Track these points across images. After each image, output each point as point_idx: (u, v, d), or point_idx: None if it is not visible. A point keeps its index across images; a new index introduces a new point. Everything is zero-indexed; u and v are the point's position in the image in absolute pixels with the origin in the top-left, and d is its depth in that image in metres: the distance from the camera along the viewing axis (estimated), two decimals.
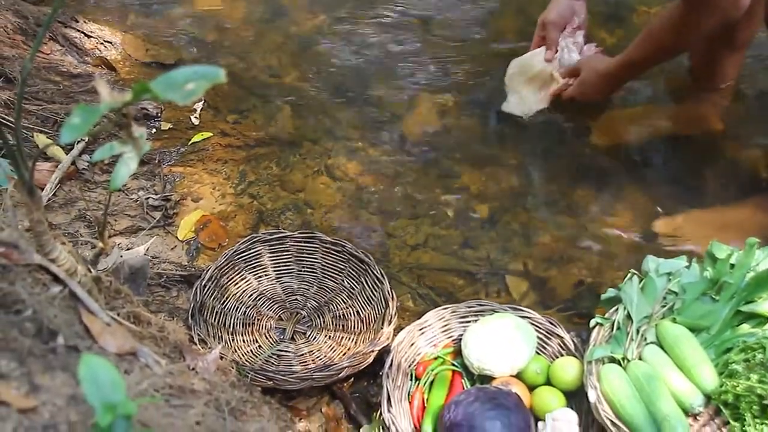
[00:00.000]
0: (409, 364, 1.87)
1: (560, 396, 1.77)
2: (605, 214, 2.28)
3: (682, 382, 1.69)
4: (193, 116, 2.66)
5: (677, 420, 1.62)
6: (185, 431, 1.05)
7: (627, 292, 1.84)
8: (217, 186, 2.44)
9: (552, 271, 2.16)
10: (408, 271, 2.17)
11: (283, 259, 2.15)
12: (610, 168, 2.42)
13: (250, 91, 2.78)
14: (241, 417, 1.27)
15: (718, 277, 1.81)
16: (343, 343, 2.01)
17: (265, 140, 2.60)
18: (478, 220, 2.30)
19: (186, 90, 0.89)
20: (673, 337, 1.76)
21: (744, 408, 1.59)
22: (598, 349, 1.75)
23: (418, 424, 1.77)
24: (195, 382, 1.23)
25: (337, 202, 2.38)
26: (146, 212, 2.31)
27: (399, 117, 2.65)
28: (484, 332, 1.82)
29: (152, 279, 2.06)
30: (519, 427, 1.62)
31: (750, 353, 1.69)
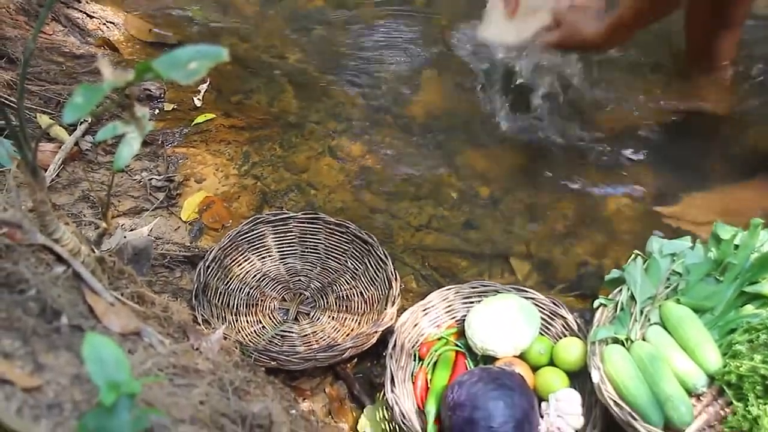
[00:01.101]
0: (413, 345, 1.87)
1: (563, 376, 1.77)
2: (609, 196, 2.27)
3: (686, 363, 1.69)
4: (196, 97, 2.66)
5: (680, 400, 1.62)
6: (189, 410, 1.05)
7: (631, 273, 1.83)
8: (220, 167, 2.44)
9: (556, 252, 2.15)
10: (411, 251, 2.17)
11: (286, 240, 2.15)
12: (614, 149, 2.41)
13: (254, 72, 2.78)
14: (244, 397, 1.28)
15: (723, 258, 1.81)
16: (347, 323, 2.01)
17: (269, 121, 2.60)
18: (482, 201, 2.30)
19: (189, 69, 0.89)
20: (676, 317, 1.76)
21: (747, 388, 1.59)
22: (602, 329, 1.75)
23: (421, 404, 1.77)
24: (199, 362, 1.23)
25: (341, 183, 2.38)
26: (149, 193, 2.31)
27: (403, 98, 2.64)
28: (487, 313, 1.82)
29: (156, 260, 2.06)
30: (522, 408, 1.62)
31: (754, 334, 1.68)
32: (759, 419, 1.55)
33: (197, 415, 1.06)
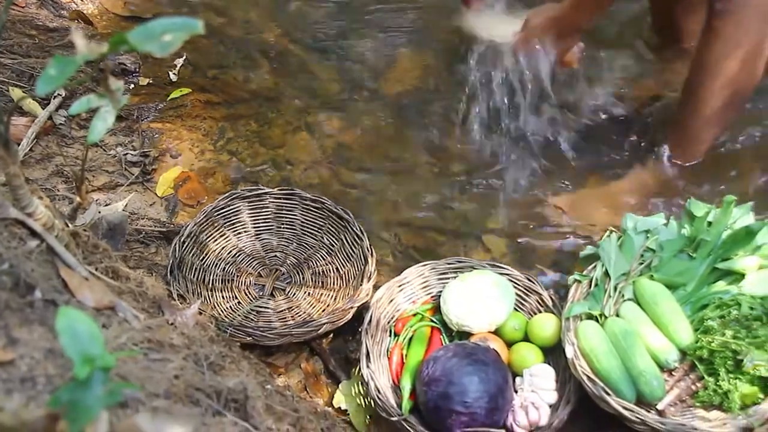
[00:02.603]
0: (388, 321, 1.88)
1: (538, 352, 1.79)
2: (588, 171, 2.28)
3: (658, 338, 1.71)
4: (172, 72, 2.64)
5: (653, 375, 1.64)
6: (164, 385, 1.05)
7: (605, 250, 1.85)
8: (196, 142, 2.42)
9: (531, 229, 2.16)
10: (388, 228, 2.17)
11: (262, 216, 2.14)
12: (585, 127, 2.41)
13: (230, 47, 2.76)
14: (219, 371, 1.28)
15: (696, 235, 1.82)
16: (323, 299, 2.01)
17: (245, 97, 2.58)
18: (459, 178, 2.30)
19: (163, 41, 0.88)
20: (650, 294, 1.77)
21: (718, 363, 1.61)
22: (576, 305, 1.77)
23: (396, 379, 1.78)
24: (173, 337, 1.23)
25: (317, 158, 2.37)
26: (125, 168, 2.30)
27: (380, 74, 2.64)
28: (463, 289, 1.83)
29: (131, 235, 2.05)
30: (497, 383, 1.63)
31: (725, 310, 1.70)
32: (729, 393, 1.58)
33: (172, 390, 1.06)
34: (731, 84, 1.95)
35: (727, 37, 1.88)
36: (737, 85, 1.96)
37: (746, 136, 2.30)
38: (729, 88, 1.96)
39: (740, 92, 1.99)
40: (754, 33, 1.87)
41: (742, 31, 1.87)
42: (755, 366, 1.57)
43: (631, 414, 1.58)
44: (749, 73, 1.93)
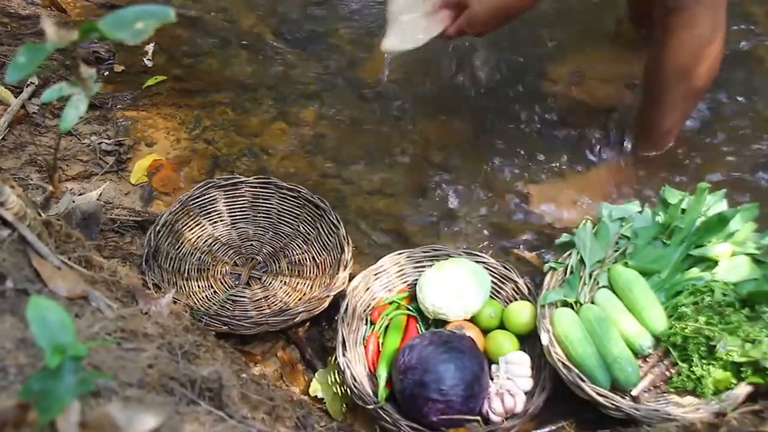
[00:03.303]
0: (365, 309, 1.88)
1: (514, 339, 1.79)
2: (562, 161, 2.29)
3: (633, 325, 1.72)
4: (146, 58, 2.62)
5: (627, 362, 1.65)
6: (137, 374, 1.04)
7: (581, 237, 1.86)
8: (171, 131, 2.41)
9: (508, 217, 2.17)
10: (364, 217, 2.17)
11: (238, 205, 2.13)
12: (566, 115, 2.42)
13: (206, 35, 2.74)
14: (194, 360, 1.27)
15: (670, 222, 1.83)
16: (299, 288, 2.01)
17: (221, 85, 2.57)
18: (435, 167, 2.30)
19: (135, 29, 0.88)
20: (624, 280, 1.79)
21: (692, 349, 1.63)
22: (552, 293, 1.78)
23: (372, 368, 1.78)
24: (148, 326, 1.22)
25: (294, 147, 2.36)
26: (99, 157, 2.28)
27: (357, 63, 2.63)
28: (438, 277, 1.83)
29: (105, 224, 2.03)
30: (472, 370, 1.64)
31: (699, 296, 1.72)
32: (702, 379, 1.59)
33: (145, 379, 1.05)
34: (687, 79, 1.99)
35: (681, 33, 1.91)
36: (694, 79, 1.99)
37: (717, 125, 2.32)
38: (685, 82, 2.00)
39: (698, 85, 2.03)
40: (707, 28, 1.90)
41: (694, 27, 1.89)
42: (728, 351, 1.58)
43: (605, 400, 1.60)
44: (705, 67, 1.97)
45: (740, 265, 1.76)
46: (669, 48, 1.94)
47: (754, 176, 2.19)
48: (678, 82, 2.00)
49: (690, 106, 2.16)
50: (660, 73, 2.02)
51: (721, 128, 2.31)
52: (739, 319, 1.64)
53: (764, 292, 1.69)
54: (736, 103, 2.38)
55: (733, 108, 2.37)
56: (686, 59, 1.95)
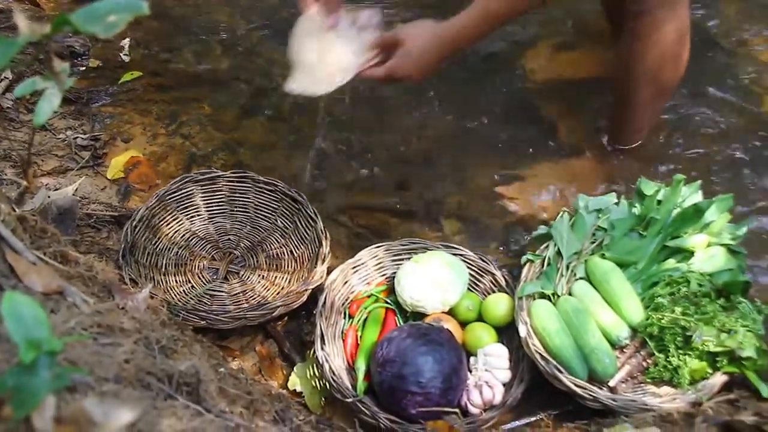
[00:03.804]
0: (343, 303, 1.88)
1: (492, 331, 1.80)
2: (539, 154, 2.29)
3: (610, 316, 1.73)
4: (122, 53, 2.60)
5: (604, 353, 1.66)
6: (114, 369, 1.04)
7: (558, 229, 1.86)
8: (147, 126, 2.40)
9: (485, 210, 2.17)
10: (342, 210, 2.17)
11: (215, 199, 2.13)
12: (542, 106, 2.43)
13: (181, 30, 2.73)
14: (171, 355, 1.27)
15: (646, 214, 1.84)
16: (277, 282, 2.00)
17: (197, 80, 2.56)
18: (413, 160, 2.30)
19: (108, 22, 0.87)
20: (601, 272, 1.79)
21: (668, 340, 1.64)
22: (529, 285, 1.78)
23: (351, 361, 1.78)
24: (124, 321, 1.22)
25: (271, 141, 2.36)
26: (75, 152, 2.26)
27: None
28: (417, 270, 1.83)
29: (82, 220, 2.02)
30: (451, 363, 1.64)
31: (675, 287, 1.73)
32: (679, 369, 1.61)
33: (122, 374, 1.05)
34: (655, 81, 2.03)
35: (645, 37, 1.94)
36: (661, 81, 2.04)
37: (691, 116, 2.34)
38: (654, 84, 2.04)
39: (666, 86, 2.07)
40: (671, 31, 1.93)
41: (658, 30, 1.92)
42: (704, 342, 1.60)
43: (583, 391, 1.60)
44: (672, 68, 2.01)
45: (716, 255, 1.78)
46: (636, 52, 1.97)
47: (729, 167, 2.20)
48: (646, 84, 2.04)
49: (660, 104, 2.19)
50: (628, 75, 2.04)
51: (695, 120, 2.32)
52: (714, 309, 1.65)
53: (739, 282, 1.71)
54: (710, 94, 2.40)
55: (708, 100, 2.38)
56: (653, 63, 1.98)
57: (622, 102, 2.14)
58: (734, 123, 2.31)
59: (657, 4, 1.88)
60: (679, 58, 1.99)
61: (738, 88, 2.41)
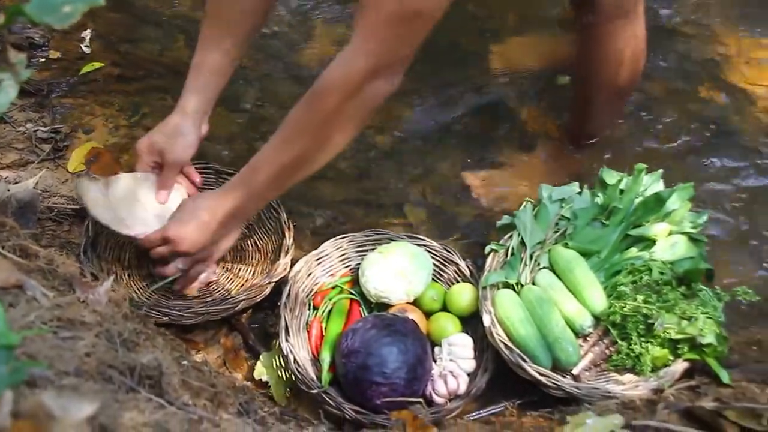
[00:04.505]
0: (307, 294, 1.88)
1: (456, 322, 1.81)
2: (503, 145, 2.30)
3: (573, 305, 1.75)
4: (83, 44, 2.58)
5: (568, 341, 1.68)
6: (74, 363, 1.03)
7: (521, 219, 1.87)
8: (109, 118, 2.37)
9: (450, 200, 2.18)
10: (306, 201, 2.16)
11: None
12: (507, 97, 2.43)
13: (143, 20, 2.70)
14: (134, 348, 1.26)
15: (608, 203, 1.86)
16: (241, 274, 1.99)
17: (160, 71, 2.53)
18: (377, 151, 2.30)
19: (63, 12, 0.86)
20: (564, 261, 1.81)
21: (630, 328, 1.65)
22: (493, 274, 1.79)
23: (316, 352, 1.78)
24: (85, 315, 1.21)
25: (234, 133, 2.34)
26: (35, 145, 2.23)
27: (297, 48, 2.61)
28: (381, 261, 1.83)
29: (43, 213, 2.00)
30: (415, 353, 1.64)
31: (637, 275, 1.75)
32: (641, 357, 1.62)
33: (83, 367, 1.04)
34: (613, 85, 2.07)
35: (603, 45, 1.97)
36: (619, 84, 2.07)
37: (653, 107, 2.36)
38: (611, 88, 2.08)
39: (624, 89, 2.11)
40: (628, 38, 1.97)
41: (615, 39, 1.95)
42: (665, 329, 1.61)
43: (547, 380, 1.62)
44: (629, 72, 2.04)
45: (677, 244, 1.80)
46: (594, 59, 2.02)
47: (690, 156, 2.23)
48: (605, 88, 2.08)
49: (619, 105, 2.23)
50: (588, 80, 2.09)
51: (656, 110, 2.35)
52: (675, 297, 1.67)
53: (700, 270, 1.73)
54: (668, 84, 2.42)
55: (669, 90, 2.40)
56: (611, 69, 2.02)
57: (583, 103, 2.17)
58: (695, 112, 2.33)
59: (613, 14, 1.90)
60: (636, 63, 2.03)
61: (695, 78, 2.44)
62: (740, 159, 2.22)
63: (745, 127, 2.29)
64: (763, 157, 2.22)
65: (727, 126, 2.30)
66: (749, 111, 2.34)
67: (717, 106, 2.35)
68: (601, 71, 2.02)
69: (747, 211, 2.09)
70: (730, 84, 2.41)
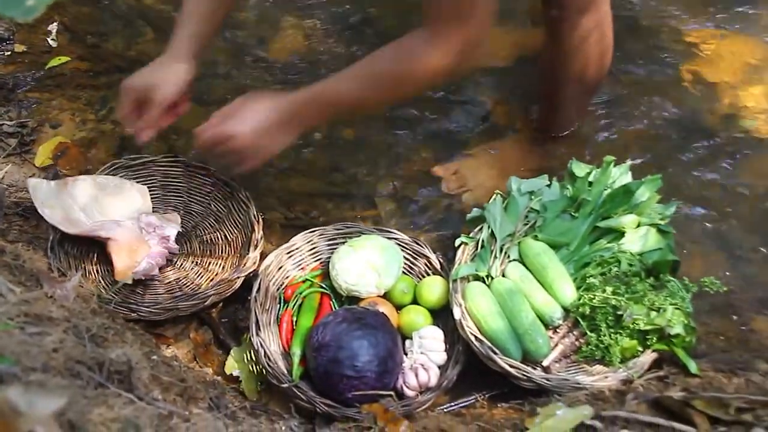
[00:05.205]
0: (278, 288, 1.87)
1: (427, 314, 1.81)
2: (472, 137, 2.31)
3: (543, 297, 1.75)
4: (49, 38, 2.55)
5: (538, 333, 1.69)
6: (42, 358, 1.02)
7: (491, 211, 1.88)
8: (77, 112, 2.35)
9: (420, 193, 2.18)
10: (277, 195, 2.16)
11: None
12: (476, 89, 2.44)
13: (110, 14, 2.68)
14: (102, 343, 1.26)
15: (577, 195, 1.87)
16: (211, 268, 1.98)
17: (128, 65, 2.50)
18: (346, 144, 2.30)
19: (26, 6, 0.85)
20: (534, 253, 1.81)
21: (600, 319, 1.66)
22: (463, 267, 1.79)
23: (287, 346, 1.77)
24: (53, 310, 1.20)
25: None
26: (1, 139, 2.21)
27: (265, 41, 2.60)
28: (351, 254, 1.83)
29: (9, 208, 1.98)
30: (386, 346, 1.64)
31: (606, 267, 1.76)
32: (610, 348, 1.63)
33: (50, 363, 1.03)
34: (580, 80, 2.07)
35: (568, 41, 1.97)
36: (585, 79, 2.08)
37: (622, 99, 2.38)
38: (578, 83, 2.08)
39: (590, 83, 2.11)
40: (593, 33, 1.96)
41: (580, 34, 1.95)
42: (634, 320, 1.62)
43: (517, 371, 1.63)
44: (595, 67, 2.05)
45: (645, 235, 1.81)
46: (560, 55, 2.02)
47: (658, 148, 2.24)
48: (571, 83, 2.08)
49: (586, 100, 2.23)
50: (554, 75, 2.09)
51: (625, 102, 2.36)
52: (644, 288, 1.68)
53: (668, 261, 1.74)
54: (635, 76, 2.45)
55: (636, 83, 2.42)
56: (577, 65, 2.02)
57: (550, 98, 2.18)
58: (663, 104, 2.35)
59: (577, 9, 1.91)
60: (602, 57, 2.04)
61: (661, 71, 2.46)
62: (706, 150, 2.24)
63: (711, 118, 2.32)
64: (729, 148, 2.24)
65: (693, 118, 2.32)
66: (715, 103, 2.36)
67: (683, 98, 2.37)
68: (568, 65, 2.02)
69: (714, 202, 2.11)
70: (696, 76, 2.43)
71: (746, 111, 2.33)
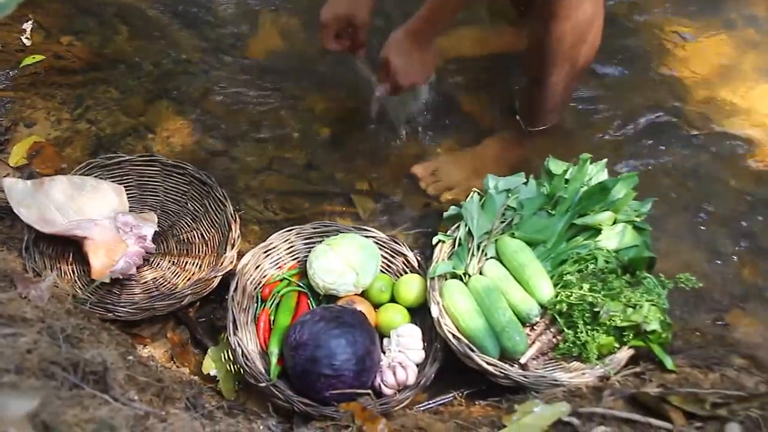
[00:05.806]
0: (255, 287, 1.87)
1: (404, 313, 1.81)
2: (451, 135, 2.31)
3: (520, 294, 1.76)
4: (24, 36, 2.53)
5: (515, 330, 1.69)
6: (15, 359, 1.01)
7: (468, 209, 1.88)
8: (52, 111, 2.34)
9: (397, 191, 2.18)
10: (253, 194, 2.15)
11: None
12: (455, 86, 2.44)
13: (84, 12, 2.66)
14: (77, 344, 1.25)
15: (554, 192, 1.87)
16: (188, 268, 1.97)
17: (103, 63, 2.49)
18: (323, 142, 2.29)
19: None
20: (511, 251, 1.82)
21: (577, 316, 1.67)
22: (441, 265, 1.80)
23: (264, 345, 1.77)
24: (27, 311, 1.19)
25: (179, 126, 2.32)
26: None
27: (242, 39, 2.59)
28: (329, 253, 1.83)
29: None
30: (364, 345, 1.64)
31: (583, 264, 1.77)
32: (587, 344, 1.64)
33: (24, 364, 1.03)
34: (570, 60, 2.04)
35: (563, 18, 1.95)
36: (576, 59, 2.05)
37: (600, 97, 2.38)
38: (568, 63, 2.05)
39: (580, 64, 2.08)
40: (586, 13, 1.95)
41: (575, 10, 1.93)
42: (611, 317, 1.63)
43: (495, 369, 1.63)
44: (585, 49, 2.03)
45: (621, 232, 1.81)
46: (553, 32, 1.97)
47: (635, 145, 2.25)
48: (561, 64, 2.04)
49: (573, 85, 2.20)
50: (543, 55, 2.05)
51: (603, 100, 2.37)
52: (620, 285, 1.69)
53: (644, 258, 1.75)
54: (614, 76, 2.46)
55: (615, 80, 2.43)
56: (570, 43, 1.99)
57: (536, 83, 2.16)
58: (641, 103, 2.36)
59: (575, 6, 1.90)
60: (594, 37, 2.01)
61: (638, 68, 2.47)
62: (683, 148, 2.25)
63: (688, 116, 2.33)
64: (705, 145, 2.25)
65: (669, 115, 2.33)
66: (691, 101, 2.37)
67: (659, 96, 2.39)
68: (559, 46, 1.98)
69: (689, 199, 2.12)
70: (671, 74, 2.44)
71: (723, 109, 2.35)
